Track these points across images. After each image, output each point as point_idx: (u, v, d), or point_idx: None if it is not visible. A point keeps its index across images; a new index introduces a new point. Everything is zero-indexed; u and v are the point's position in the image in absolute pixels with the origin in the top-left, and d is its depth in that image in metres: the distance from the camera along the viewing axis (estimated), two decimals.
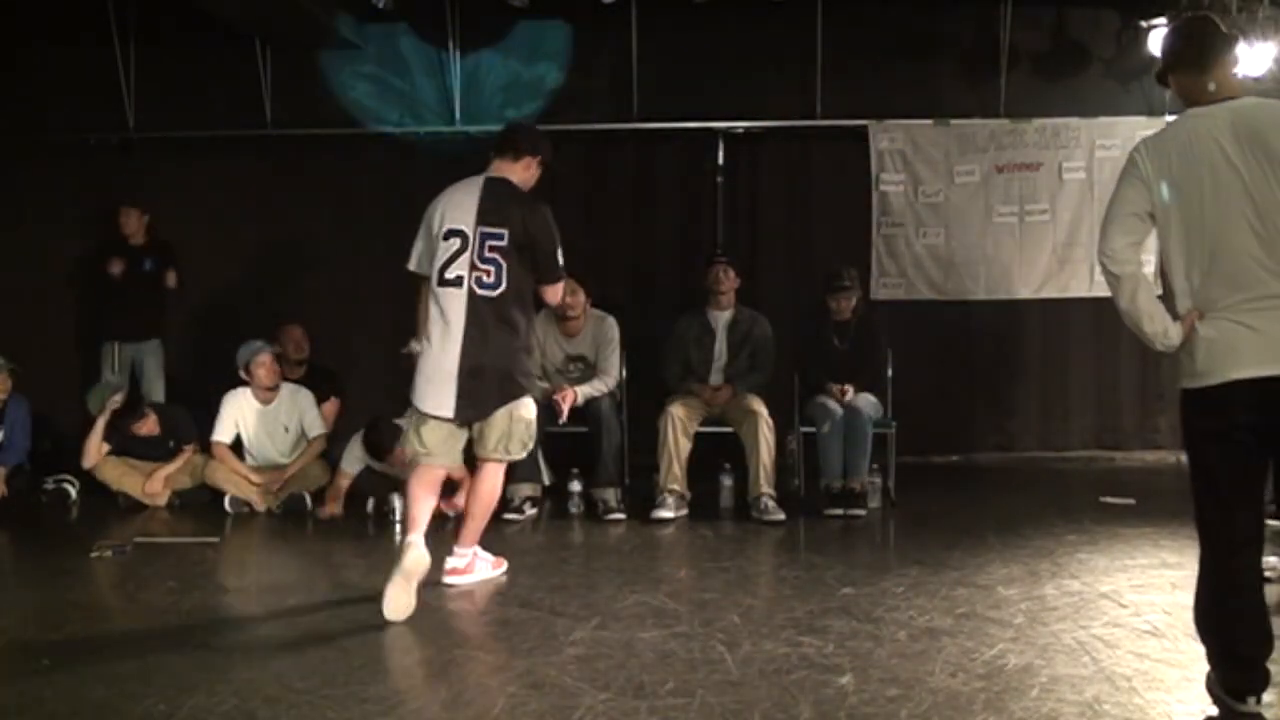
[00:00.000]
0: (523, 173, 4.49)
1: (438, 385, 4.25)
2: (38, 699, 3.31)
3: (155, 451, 6.29)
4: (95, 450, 6.18)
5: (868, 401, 6.02)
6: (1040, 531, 5.35)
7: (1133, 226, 3.05)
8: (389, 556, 5.26)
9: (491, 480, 4.46)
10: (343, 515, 5.92)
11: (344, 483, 5.99)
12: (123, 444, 6.24)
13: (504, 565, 4.70)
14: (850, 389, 5.96)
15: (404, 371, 6.38)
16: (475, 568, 4.58)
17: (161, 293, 7.16)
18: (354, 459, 6.00)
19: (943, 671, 3.46)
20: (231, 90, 7.51)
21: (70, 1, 7.34)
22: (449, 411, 4.24)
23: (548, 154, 4.57)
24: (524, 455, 4.55)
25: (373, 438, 5.83)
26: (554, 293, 4.51)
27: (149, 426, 6.26)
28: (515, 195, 4.38)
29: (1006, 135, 7.30)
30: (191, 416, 6.42)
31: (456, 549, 4.53)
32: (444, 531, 5.02)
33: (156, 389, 7.03)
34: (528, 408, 4.40)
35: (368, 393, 6.32)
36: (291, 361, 6.62)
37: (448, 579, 4.48)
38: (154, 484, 6.11)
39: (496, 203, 4.30)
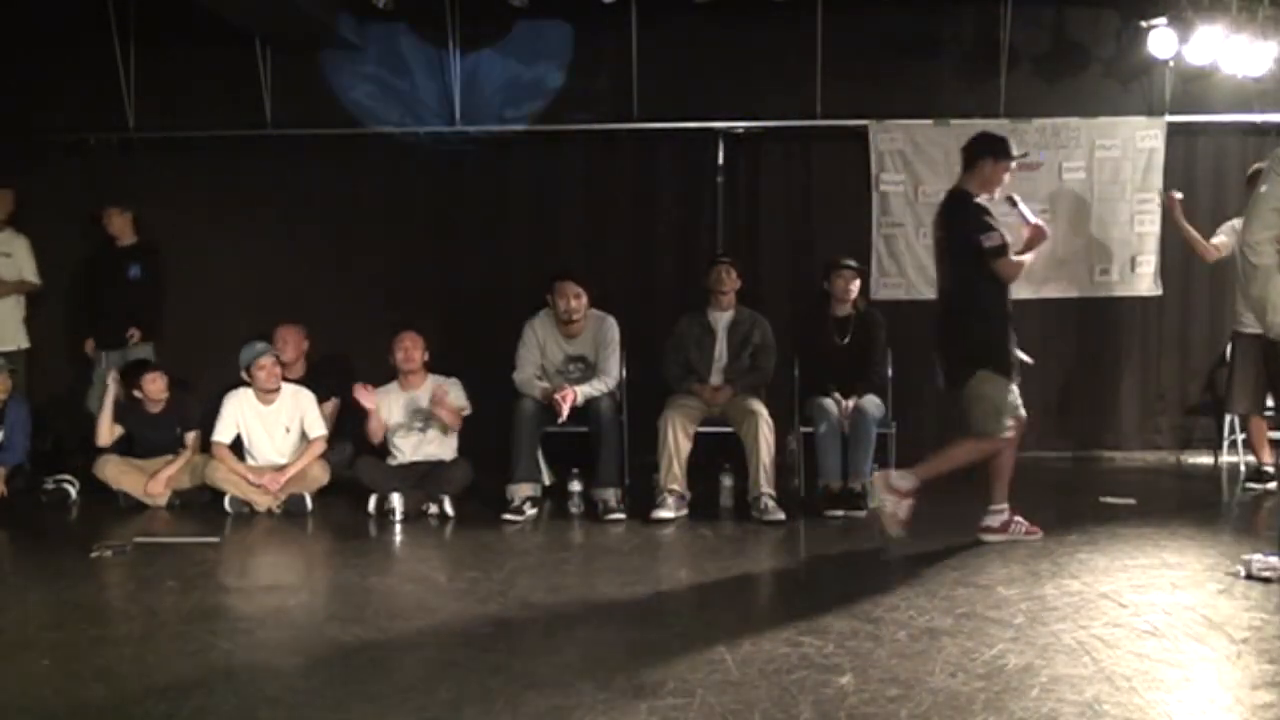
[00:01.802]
0: (980, 177, 5.06)
1: None
2: (38, 699, 3.31)
3: (162, 436, 6.31)
4: (107, 429, 6.25)
5: (872, 403, 6.02)
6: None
7: (1272, 221, 3.15)
8: (389, 556, 5.30)
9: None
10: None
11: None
12: (133, 423, 6.29)
13: (1038, 533, 5.13)
14: (851, 403, 5.95)
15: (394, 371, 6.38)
16: (1010, 528, 5.12)
17: (150, 299, 7.15)
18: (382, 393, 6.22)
19: (943, 671, 3.46)
20: (231, 90, 7.50)
21: (70, 1, 7.34)
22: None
23: (993, 148, 5.07)
24: (995, 428, 5.00)
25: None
26: (1000, 270, 4.96)
27: (159, 386, 6.29)
28: (946, 201, 5.14)
29: (1006, 135, 7.28)
30: (198, 406, 6.45)
31: (990, 507, 5.14)
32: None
33: None
34: (981, 384, 4.98)
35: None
36: (290, 362, 6.62)
37: (982, 535, 5.11)
38: (155, 485, 6.11)
39: (939, 212, 5.16)
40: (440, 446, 6.19)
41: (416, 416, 6.18)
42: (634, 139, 7.44)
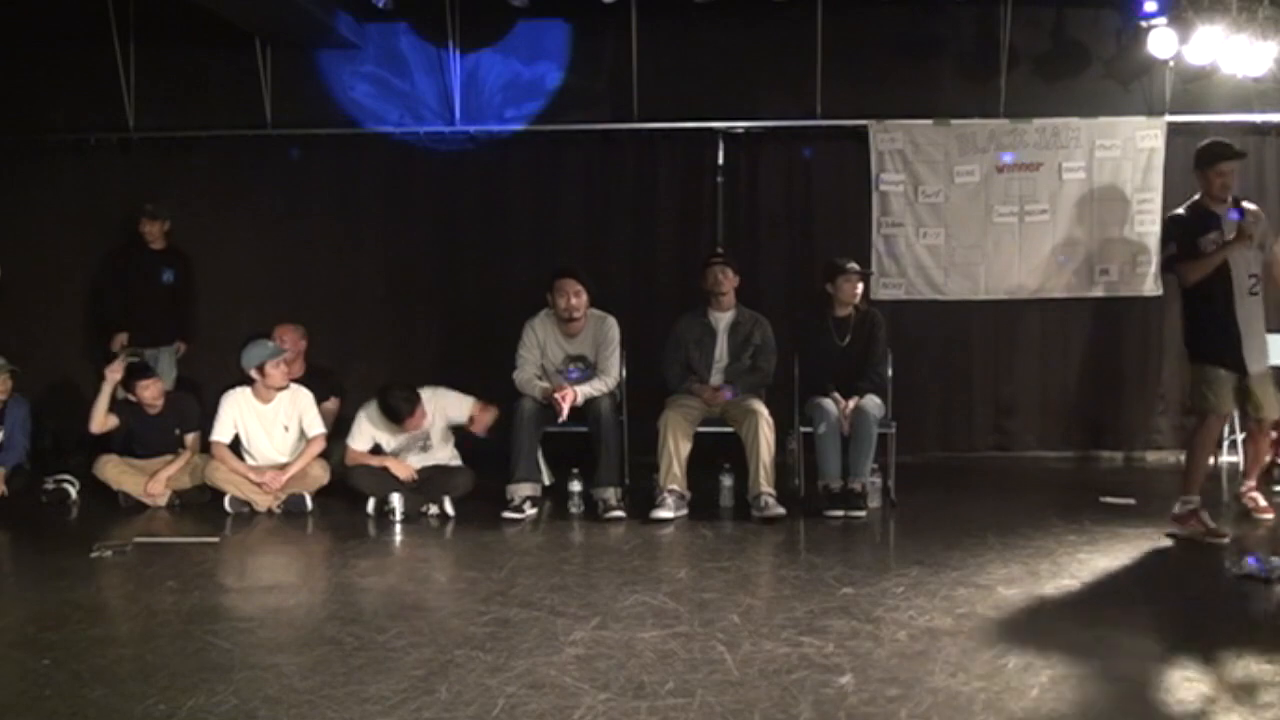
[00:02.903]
0: (1204, 187, 5.42)
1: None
2: (38, 699, 3.31)
3: (160, 437, 6.30)
4: (101, 417, 6.20)
5: (873, 403, 6.01)
6: (1040, 531, 5.35)
7: None
8: (389, 556, 5.30)
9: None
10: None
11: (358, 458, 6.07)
12: (132, 424, 6.27)
13: (1224, 538, 5.12)
14: (852, 404, 5.95)
15: (400, 371, 6.41)
16: (1189, 523, 5.21)
17: (180, 302, 7.23)
18: (363, 435, 6.09)
19: (943, 671, 3.46)
20: (231, 90, 7.51)
21: (70, 1, 7.35)
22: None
23: (1198, 158, 5.47)
24: (1200, 407, 5.30)
25: (391, 403, 5.93)
26: (1178, 276, 5.46)
27: (154, 391, 6.28)
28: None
29: (1006, 135, 7.29)
30: (198, 407, 6.44)
31: (1182, 496, 5.28)
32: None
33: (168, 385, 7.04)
34: (1192, 370, 5.38)
35: (366, 392, 6.30)
36: (289, 361, 6.61)
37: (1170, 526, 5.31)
38: (155, 485, 6.11)
39: None
40: (443, 455, 6.19)
41: (417, 439, 6.16)
42: (634, 139, 7.45)
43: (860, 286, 6.23)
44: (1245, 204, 5.36)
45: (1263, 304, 5.40)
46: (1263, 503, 5.64)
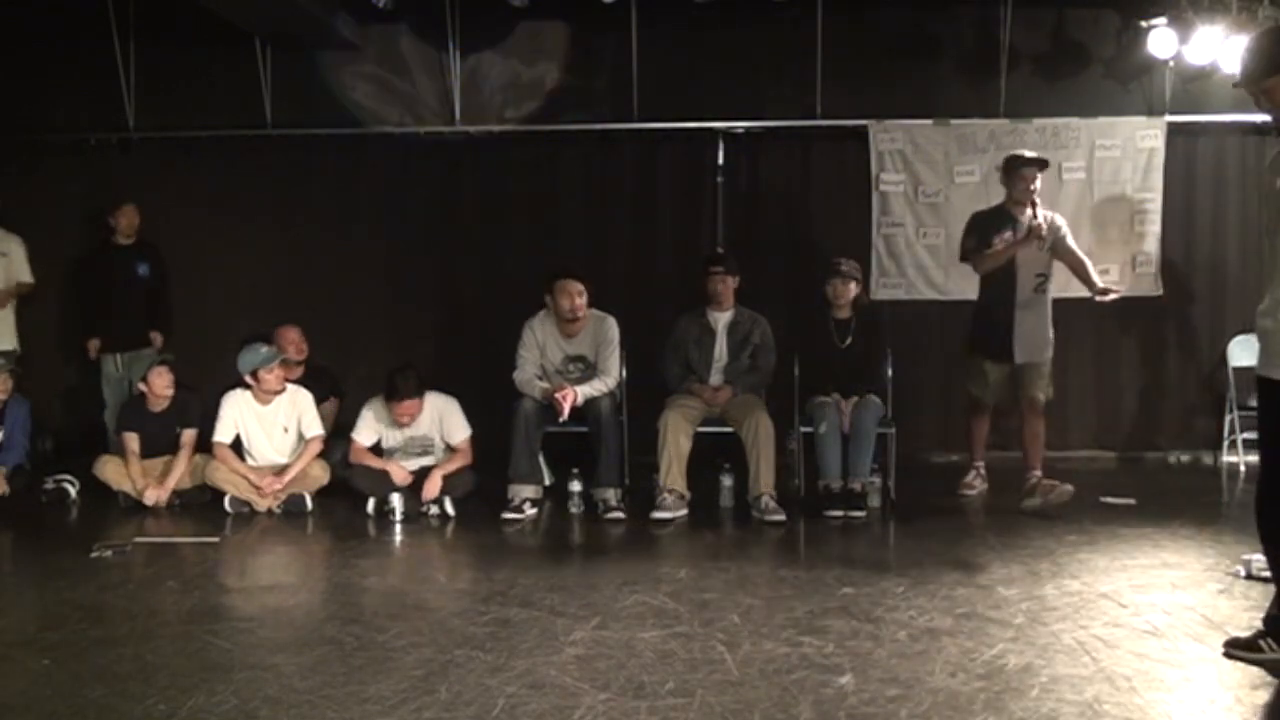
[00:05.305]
0: (1010, 189, 6.02)
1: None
2: (38, 699, 3.31)
3: (163, 435, 6.27)
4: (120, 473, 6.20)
5: (872, 403, 6.01)
6: (1040, 531, 5.35)
7: None
8: (389, 556, 5.30)
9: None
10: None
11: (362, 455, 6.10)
12: (136, 422, 6.26)
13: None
14: (851, 404, 5.95)
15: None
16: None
17: (156, 299, 7.18)
18: (367, 429, 6.13)
19: (943, 671, 3.46)
20: (231, 90, 7.51)
21: (70, 1, 7.35)
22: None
23: (1009, 163, 6.07)
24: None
25: (395, 379, 5.97)
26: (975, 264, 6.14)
27: (165, 381, 6.24)
28: None
29: (1006, 135, 7.29)
30: (199, 405, 6.42)
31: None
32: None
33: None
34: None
35: (366, 393, 6.31)
36: (290, 362, 6.62)
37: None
38: (158, 494, 6.07)
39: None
40: (442, 457, 6.18)
41: (415, 443, 6.15)
42: (634, 139, 7.45)
43: (852, 287, 6.21)
44: (1041, 210, 5.90)
45: (1048, 302, 6.13)
46: (1049, 482, 5.93)
